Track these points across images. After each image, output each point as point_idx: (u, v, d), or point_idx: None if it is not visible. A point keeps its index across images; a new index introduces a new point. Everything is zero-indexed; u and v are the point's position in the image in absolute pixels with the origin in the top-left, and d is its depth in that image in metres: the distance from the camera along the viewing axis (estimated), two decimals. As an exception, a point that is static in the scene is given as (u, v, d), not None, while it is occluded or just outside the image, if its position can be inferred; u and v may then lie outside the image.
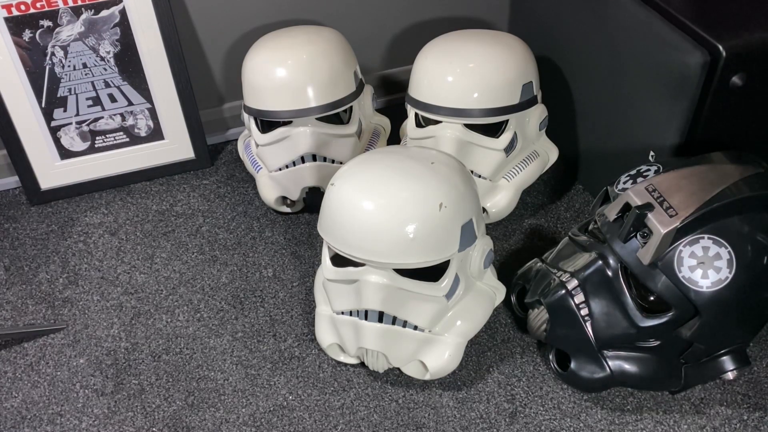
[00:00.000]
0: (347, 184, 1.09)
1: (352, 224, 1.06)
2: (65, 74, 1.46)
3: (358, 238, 1.06)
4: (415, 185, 1.06)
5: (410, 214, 1.04)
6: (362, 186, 1.08)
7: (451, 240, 1.09)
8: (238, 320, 1.31)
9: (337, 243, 1.09)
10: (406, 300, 1.10)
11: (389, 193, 1.06)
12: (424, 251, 1.06)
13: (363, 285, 1.09)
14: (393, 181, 1.07)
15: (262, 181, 1.47)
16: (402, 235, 1.04)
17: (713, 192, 1.02)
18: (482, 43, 1.36)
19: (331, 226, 1.10)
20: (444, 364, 1.14)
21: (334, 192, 1.10)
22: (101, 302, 1.35)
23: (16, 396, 1.20)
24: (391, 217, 1.04)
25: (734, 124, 1.22)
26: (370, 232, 1.05)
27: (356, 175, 1.10)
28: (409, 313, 1.11)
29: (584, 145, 1.50)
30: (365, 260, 1.07)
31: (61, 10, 1.40)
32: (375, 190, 1.06)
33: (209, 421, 1.16)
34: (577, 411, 1.15)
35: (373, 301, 1.09)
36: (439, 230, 1.06)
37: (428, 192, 1.06)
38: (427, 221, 1.05)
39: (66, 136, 1.53)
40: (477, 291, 1.20)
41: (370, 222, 1.05)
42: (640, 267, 1.04)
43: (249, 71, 1.40)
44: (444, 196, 1.06)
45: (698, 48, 1.11)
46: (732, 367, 1.10)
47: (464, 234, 1.10)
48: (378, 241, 1.05)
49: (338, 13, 1.62)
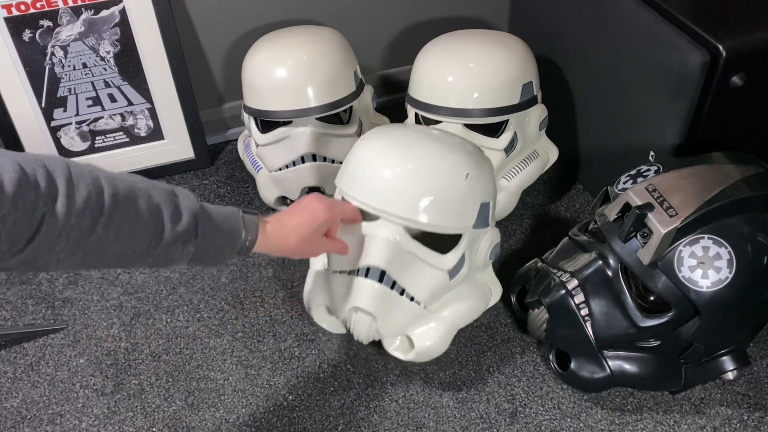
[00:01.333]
0: (381, 138, 1.11)
1: (379, 174, 1.07)
2: (65, 74, 1.46)
3: (381, 188, 1.06)
4: (447, 151, 1.10)
5: (438, 175, 1.07)
6: (396, 142, 1.10)
7: (469, 212, 1.10)
8: (238, 320, 1.31)
9: (358, 192, 1.08)
10: (411, 265, 1.09)
11: (421, 151, 1.09)
12: (441, 215, 1.07)
13: (372, 239, 1.08)
14: (426, 143, 1.10)
15: (262, 181, 1.47)
16: (426, 192, 1.06)
17: (713, 192, 1.02)
18: (482, 43, 1.36)
19: (354, 176, 1.10)
20: (431, 346, 1.13)
21: (364, 143, 1.11)
22: (101, 302, 1.35)
23: (16, 396, 1.20)
24: (419, 173, 1.06)
25: (734, 124, 1.22)
26: (396, 183, 1.06)
27: (390, 133, 1.13)
28: (409, 281, 1.10)
29: (584, 145, 1.50)
30: (383, 212, 1.06)
31: (61, 10, 1.40)
32: (408, 147, 1.09)
33: (209, 421, 1.16)
34: (577, 411, 1.15)
35: (380, 257, 1.07)
36: (461, 199, 1.08)
37: (458, 160, 1.09)
38: (452, 186, 1.07)
39: (66, 136, 1.53)
40: (476, 284, 1.20)
41: (398, 174, 1.06)
42: (640, 267, 1.04)
43: (249, 71, 1.40)
44: (471, 168, 1.09)
45: (698, 48, 1.11)
46: (732, 367, 1.10)
47: (481, 213, 1.11)
48: (402, 193, 1.06)
49: (338, 13, 1.62)
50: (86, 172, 0.74)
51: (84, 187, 0.72)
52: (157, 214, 0.79)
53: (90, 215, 0.73)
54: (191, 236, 0.83)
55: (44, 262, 0.72)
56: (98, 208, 0.73)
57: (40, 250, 0.70)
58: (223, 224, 0.88)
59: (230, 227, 0.89)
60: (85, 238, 0.73)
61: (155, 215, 0.79)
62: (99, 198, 0.74)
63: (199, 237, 0.84)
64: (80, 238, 0.73)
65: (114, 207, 0.75)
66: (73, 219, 0.71)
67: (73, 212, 0.71)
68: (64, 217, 0.70)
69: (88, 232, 0.73)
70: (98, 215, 0.73)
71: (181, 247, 0.82)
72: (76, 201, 0.71)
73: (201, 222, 0.84)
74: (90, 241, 0.74)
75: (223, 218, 0.88)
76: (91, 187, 0.73)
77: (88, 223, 0.73)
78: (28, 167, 0.69)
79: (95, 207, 0.73)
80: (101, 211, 0.74)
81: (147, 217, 0.78)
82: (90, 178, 0.74)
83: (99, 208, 0.73)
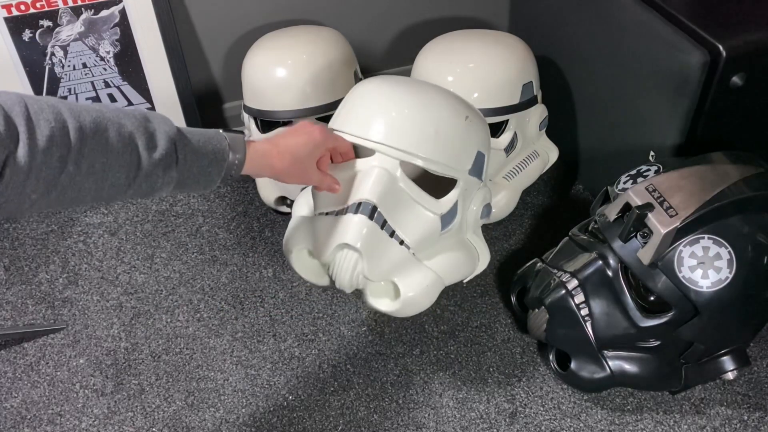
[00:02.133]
0: (383, 80, 1.12)
1: (378, 108, 1.06)
2: (65, 74, 1.46)
3: (380, 122, 1.05)
4: (447, 94, 1.12)
5: (439, 112, 1.07)
6: (398, 82, 1.12)
7: (466, 156, 1.10)
8: (238, 320, 1.31)
9: (355, 127, 1.06)
10: (403, 205, 1.05)
11: (423, 91, 1.11)
12: (439, 152, 1.06)
13: (366, 174, 1.04)
14: (426, 87, 1.13)
15: (262, 181, 1.46)
16: (427, 127, 1.05)
17: (713, 192, 1.02)
18: (482, 43, 1.36)
19: (351, 114, 1.08)
20: (417, 295, 1.07)
21: (363, 85, 1.11)
22: (101, 302, 1.35)
23: (16, 396, 1.20)
24: (420, 108, 1.07)
25: (734, 124, 1.22)
26: (397, 117, 1.05)
27: (392, 77, 1.14)
28: (401, 222, 1.05)
29: (584, 145, 1.50)
30: (381, 144, 1.04)
31: (61, 10, 1.40)
32: (410, 87, 1.11)
33: (209, 422, 1.16)
34: (577, 411, 1.15)
35: (373, 191, 1.02)
36: (460, 139, 1.09)
37: (457, 103, 1.11)
38: (452, 124, 1.08)
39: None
40: (465, 244, 1.16)
41: (399, 108, 1.06)
42: (641, 267, 1.03)
43: (249, 71, 1.40)
44: (470, 113, 1.10)
45: (698, 48, 1.11)
46: (732, 367, 1.10)
47: (477, 161, 1.11)
48: (402, 126, 1.05)
49: (338, 13, 1.62)
50: (46, 107, 0.70)
51: (45, 123, 0.69)
52: (130, 143, 0.76)
53: (57, 152, 0.69)
54: (171, 162, 0.80)
55: (17, 206, 0.70)
56: (64, 145, 0.70)
57: (9, 195, 0.68)
58: (206, 145, 0.84)
59: (214, 148, 0.85)
60: (55, 176, 0.70)
61: (128, 145, 0.76)
62: (63, 133, 0.70)
63: (180, 162, 0.80)
64: (50, 177, 0.70)
65: (82, 141, 0.71)
66: (39, 158, 0.68)
67: (37, 152, 0.68)
68: (29, 157, 0.67)
69: (57, 171, 0.70)
70: (66, 152, 0.70)
71: (162, 174, 0.79)
72: (38, 140, 0.68)
73: (180, 146, 0.80)
74: (62, 179, 0.71)
75: (205, 140, 0.85)
76: (54, 123, 0.70)
77: (56, 162, 0.69)
78: None
79: (61, 144, 0.70)
80: (68, 147, 0.70)
81: (120, 148, 0.74)
82: (51, 113, 0.70)
83: (65, 144, 0.70)
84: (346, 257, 1.04)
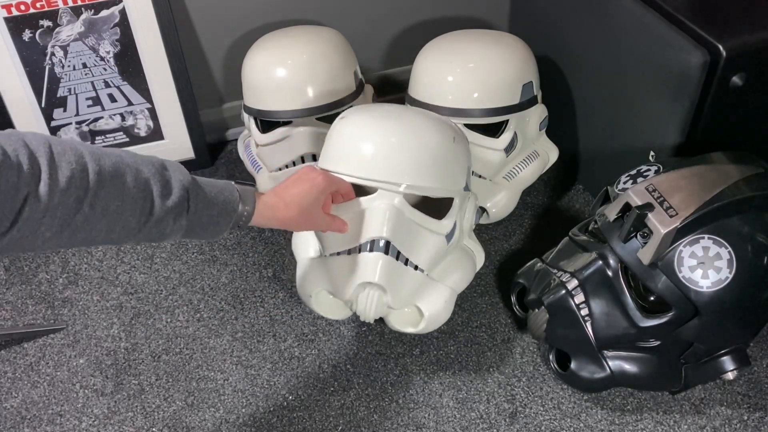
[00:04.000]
0: (360, 114, 1.12)
1: (368, 148, 1.07)
2: (65, 74, 1.46)
3: (374, 161, 1.06)
4: (429, 118, 1.13)
5: (428, 137, 1.09)
6: (377, 115, 1.12)
7: (460, 174, 1.13)
8: (238, 320, 1.31)
9: (352, 168, 1.07)
10: (412, 233, 1.10)
11: (405, 120, 1.11)
12: (437, 177, 1.09)
13: (373, 212, 1.07)
14: (408, 113, 1.13)
15: (262, 181, 1.47)
16: (419, 154, 1.07)
17: (713, 192, 1.02)
18: (482, 43, 1.36)
19: (342, 155, 1.09)
20: (439, 312, 1.13)
21: (346, 122, 1.11)
22: (101, 302, 1.35)
23: (16, 396, 1.20)
24: (409, 138, 1.08)
25: (734, 124, 1.22)
26: (387, 153, 1.06)
27: (369, 109, 1.15)
28: (412, 250, 1.10)
29: (584, 145, 1.50)
30: (381, 181, 1.06)
31: (61, 10, 1.40)
32: (391, 118, 1.11)
33: (209, 422, 1.16)
34: (577, 411, 1.15)
35: (384, 228, 1.06)
36: (453, 161, 1.11)
37: (442, 125, 1.13)
38: (443, 147, 1.09)
39: (66, 136, 1.53)
40: (464, 250, 1.22)
41: (387, 144, 1.07)
42: (641, 267, 1.04)
43: (249, 71, 1.40)
44: (455, 133, 1.12)
45: (698, 48, 1.11)
46: (732, 367, 1.10)
47: (468, 177, 1.15)
48: (395, 161, 1.06)
49: (338, 13, 1.62)
50: (69, 149, 0.72)
51: (67, 165, 0.71)
52: (145, 189, 0.78)
53: (74, 194, 0.71)
54: (183, 210, 0.81)
55: (30, 243, 0.71)
56: (83, 187, 0.72)
57: (25, 231, 0.69)
58: (218, 196, 0.86)
59: (225, 199, 0.87)
60: (70, 216, 0.71)
61: (144, 191, 0.77)
62: (83, 176, 0.72)
63: (191, 210, 0.82)
64: (65, 216, 0.71)
65: (99, 184, 0.73)
66: (57, 198, 0.70)
67: (56, 192, 0.70)
68: (48, 197, 0.69)
69: (73, 211, 0.71)
70: (83, 194, 0.72)
71: (172, 221, 0.81)
72: (59, 180, 0.70)
73: (193, 195, 0.82)
74: (76, 220, 0.72)
75: (217, 190, 0.87)
76: (75, 165, 0.71)
77: (72, 202, 0.71)
78: (9, 148, 0.68)
79: (80, 185, 0.71)
80: (86, 189, 0.72)
81: (135, 193, 0.76)
82: (73, 155, 0.72)
83: (84, 187, 0.72)
84: (369, 294, 1.09)
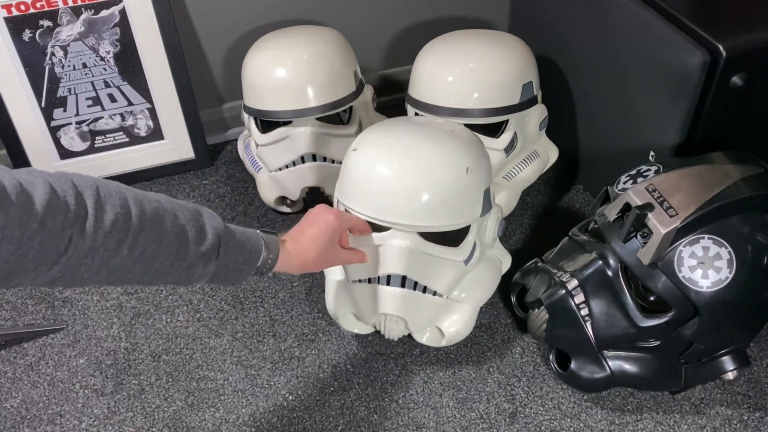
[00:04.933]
0: (372, 148, 1.10)
1: (379, 188, 1.06)
2: (65, 74, 1.46)
3: (386, 202, 1.06)
4: (443, 150, 1.08)
5: (439, 177, 1.06)
6: (388, 150, 1.09)
7: (475, 204, 1.11)
8: (238, 320, 1.31)
9: (363, 208, 1.08)
10: (428, 265, 1.11)
11: (417, 156, 1.07)
12: (451, 214, 1.08)
13: (388, 250, 1.09)
14: (419, 145, 1.08)
15: (262, 181, 1.47)
16: (431, 198, 1.05)
17: (713, 192, 1.02)
18: (482, 43, 1.36)
19: (355, 192, 1.09)
20: (460, 329, 1.16)
21: (358, 157, 1.09)
22: (101, 302, 1.35)
23: (16, 396, 1.20)
24: (419, 180, 1.05)
25: (734, 124, 1.22)
26: (398, 195, 1.05)
27: (381, 140, 1.11)
28: (429, 279, 1.12)
29: (584, 145, 1.50)
30: (392, 224, 1.07)
31: (61, 10, 1.40)
32: (402, 154, 1.07)
33: (209, 421, 1.16)
34: (577, 411, 1.15)
35: (398, 265, 1.09)
36: (465, 194, 1.09)
37: (456, 156, 1.08)
38: (455, 185, 1.07)
39: (66, 136, 1.53)
40: (487, 259, 1.22)
41: (398, 185, 1.05)
42: (641, 267, 1.04)
43: (249, 71, 1.40)
44: (469, 161, 1.08)
45: (698, 48, 1.11)
46: (732, 367, 1.10)
47: (485, 199, 1.12)
48: (407, 204, 1.05)
49: (338, 13, 1.62)
50: (114, 193, 0.75)
51: (111, 208, 0.73)
52: (182, 234, 0.80)
53: (116, 236, 0.73)
54: (213, 256, 0.84)
55: (69, 281, 0.73)
56: (125, 230, 0.74)
57: (67, 270, 0.71)
58: (245, 244, 0.89)
59: (251, 247, 0.89)
60: (110, 258, 0.73)
61: (180, 236, 0.79)
62: (126, 219, 0.74)
63: (220, 257, 0.84)
64: (105, 258, 0.73)
65: (140, 228, 0.75)
66: (99, 240, 0.71)
67: (100, 233, 0.71)
68: (92, 238, 0.71)
69: (113, 253, 0.73)
70: (124, 236, 0.74)
71: (202, 266, 0.83)
72: (104, 222, 0.72)
73: (224, 242, 0.85)
74: (114, 261, 0.74)
75: (245, 238, 0.89)
76: (119, 208, 0.74)
77: (113, 244, 0.73)
78: (58, 188, 0.69)
79: (122, 228, 0.73)
80: (127, 232, 0.74)
81: (172, 238, 0.78)
82: (118, 198, 0.74)
83: (125, 230, 0.74)
84: (390, 321, 1.14)
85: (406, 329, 1.16)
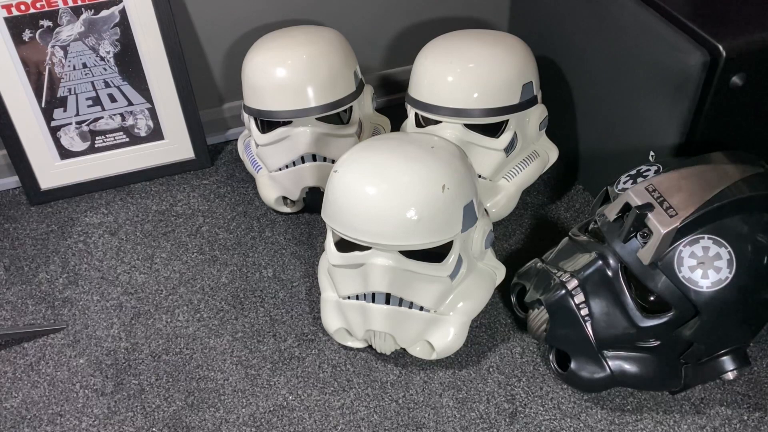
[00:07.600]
0: (350, 170, 1.11)
1: (357, 209, 1.08)
2: (65, 74, 1.46)
3: (363, 223, 1.08)
4: (418, 168, 1.09)
5: (414, 196, 1.07)
6: (365, 171, 1.10)
7: (454, 221, 1.11)
8: (238, 320, 1.31)
9: (343, 228, 1.11)
10: (412, 281, 1.12)
11: (392, 177, 1.08)
12: (428, 232, 1.08)
13: (369, 268, 1.11)
14: (395, 165, 1.09)
15: (262, 181, 1.47)
16: (407, 217, 1.07)
17: (713, 192, 1.02)
18: (482, 43, 1.36)
19: (336, 212, 1.11)
20: (449, 343, 1.17)
21: (337, 179, 1.11)
22: (101, 302, 1.35)
23: (16, 396, 1.20)
24: (395, 200, 1.07)
25: (734, 124, 1.22)
26: (376, 216, 1.07)
27: (359, 161, 1.12)
28: (414, 295, 1.13)
29: (584, 145, 1.50)
30: (371, 244, 1.09)
31: (61, 10, 1.40)
32: (378, 175, 1.09)
33: (209, 421, 1.16)
34: (577, 411, 1.15)
35: (380, 283, 1.11)
36: (443, 211, 1.09)
37: (431, 175, 1.08)
38: (431, 203, 1.07)
39: (66, 136, 1.53)
40: (479, 271, 1.22)
41: (375, 206, 1.07)
42: (640, 267, 1.04)
43: (249, 71, 1.40)
44: (446, 178, 1.09)
45: (698, 48, 1.11)
46: (732, 367, 1.10)
47: (466, 215, 1.12)
48: (383, 224, 1.07)
49: (338, 13, 1.62)
50: None
51: None
52: None
53: None
54: None
55: None
56: None
57: None
58: None
59: None
60: None
61: None
62: None
63: None
64: None
65: None
66: None
67: None
68: None
69: None
70: None
71: None
72: None
73: None
74: None
75: None
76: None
77: None
78: None
79: None
80: None
81: None
82: None
83: None
84: (378, 336, 1.16)
85: (396, 345, 1.17)
